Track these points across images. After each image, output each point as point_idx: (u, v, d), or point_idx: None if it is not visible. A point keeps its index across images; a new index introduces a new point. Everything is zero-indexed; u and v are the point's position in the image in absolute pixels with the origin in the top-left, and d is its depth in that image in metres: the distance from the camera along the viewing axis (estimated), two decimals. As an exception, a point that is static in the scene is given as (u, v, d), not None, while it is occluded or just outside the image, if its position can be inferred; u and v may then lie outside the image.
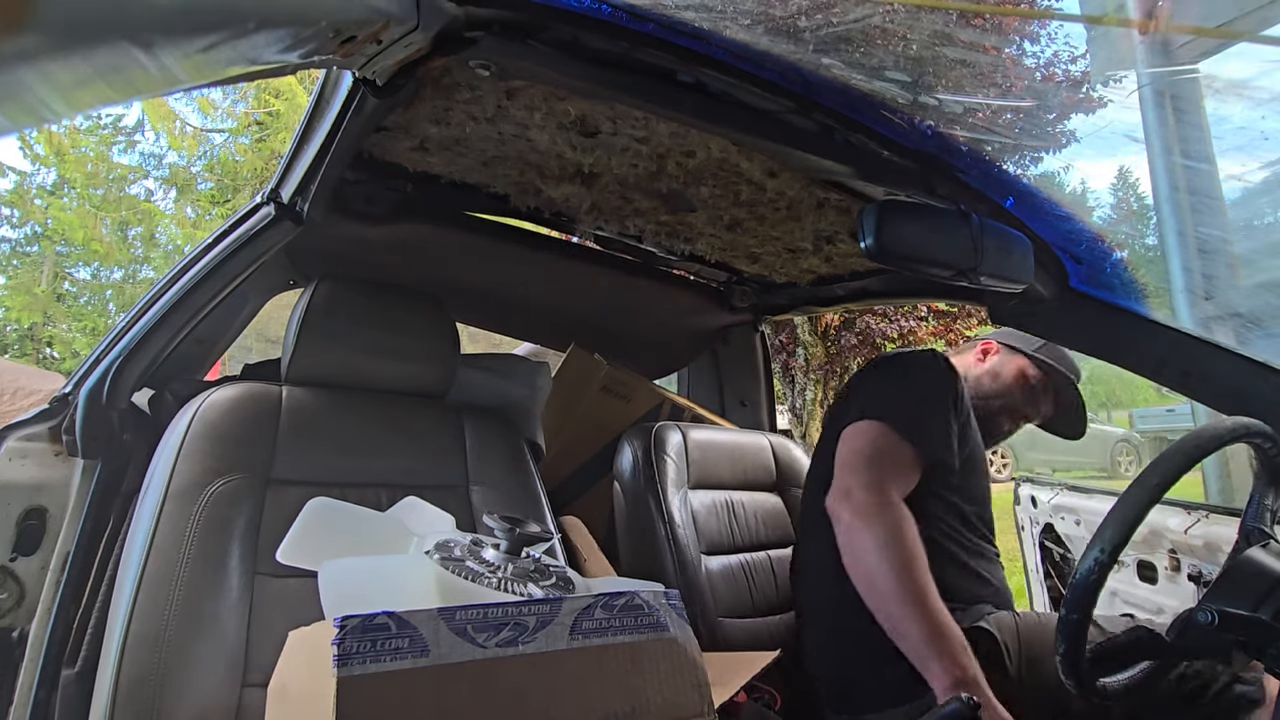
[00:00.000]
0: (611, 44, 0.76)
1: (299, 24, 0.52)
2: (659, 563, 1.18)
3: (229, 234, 1.10)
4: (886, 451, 1.06)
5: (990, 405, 1.31)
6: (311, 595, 0.73)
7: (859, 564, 0.97)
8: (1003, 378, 1.32)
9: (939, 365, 1.19)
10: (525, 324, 1.87)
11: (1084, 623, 0.73)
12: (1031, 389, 1.31)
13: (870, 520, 0.98)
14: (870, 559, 0.96)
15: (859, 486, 1.02)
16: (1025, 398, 1.31)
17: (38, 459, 1.09)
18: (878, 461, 1.05)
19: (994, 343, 1.36)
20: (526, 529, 0.82)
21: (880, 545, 0.95)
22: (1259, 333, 2.10)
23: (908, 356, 1.25)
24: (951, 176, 0.96)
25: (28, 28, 0.28)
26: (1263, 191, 2.64)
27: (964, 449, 1.16)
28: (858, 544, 0.98)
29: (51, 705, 0.95)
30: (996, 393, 1.31)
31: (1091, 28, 3.16)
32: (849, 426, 1.11)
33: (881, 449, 1.06)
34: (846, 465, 1.06)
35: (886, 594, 0.94)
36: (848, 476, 1.04)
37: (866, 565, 0.96)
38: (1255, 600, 0.70)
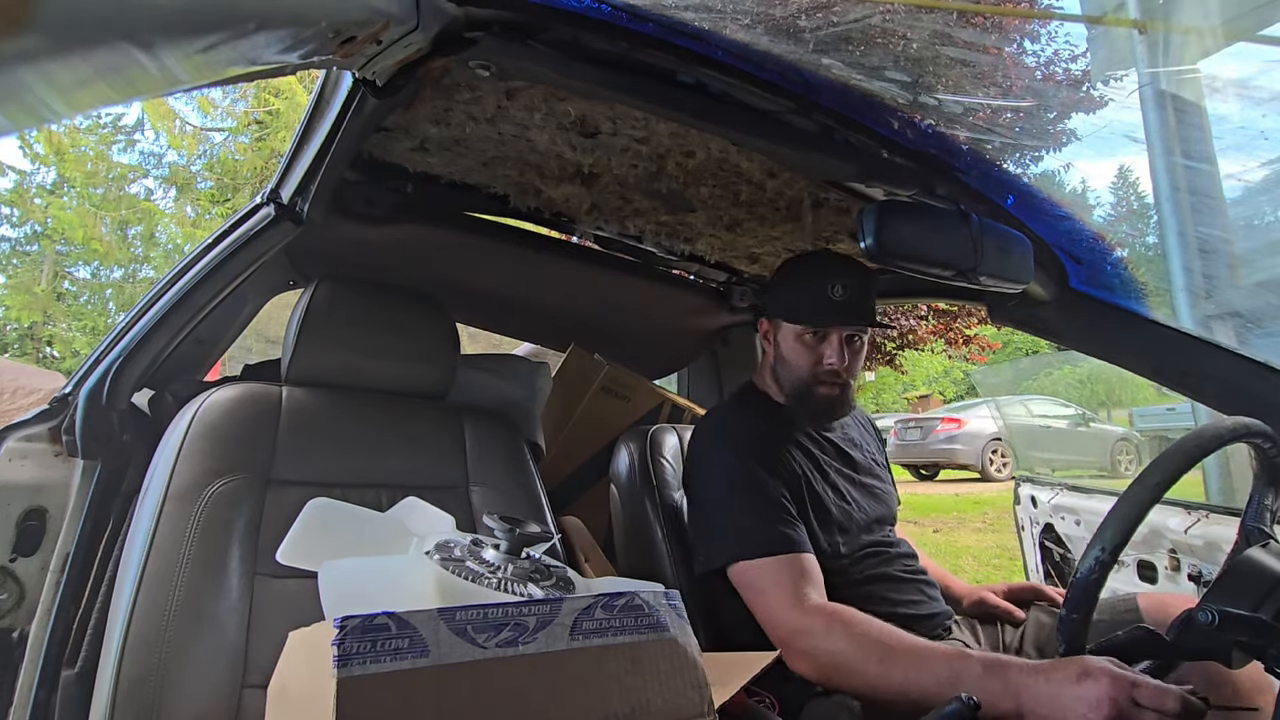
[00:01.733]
0: (611, 44, 0.76)
1: (299, 24, 0.52)
2: (657, 565, 1.18)
3: (229, 234, 1.10)
4: (762, 581, 1.01)
5: (802, 384, 1.18)
6: (311, 595, 0.72)
7: (857, 692, 0.92)
8: (784, 348, 1.20)
9: (712, 439, 1.17)
10: (525, 324, 1.87)
11: (1084, 622, 0.73)
12: (816, 342, 1.16)
13: (822, 644, 0.93)
14: (854, 680, 0.91)
15: (790, 627, 0.96)
16: (811, 356, 1.16)
17: (38, 459, 1.09)
18: (765, 595, 1.00)
19: (762, 320, 1.26)
20: (526, 529, 0.82)
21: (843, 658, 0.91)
22: (1259, 332, 2.10)
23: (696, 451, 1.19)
24: (951, 176, 0.96)
25: (28, 28, 0.28)
26: (1262, 190, 2.64)
27: (794, 500, 1.08)
28: (836, 679, 0.93)
29: (51, 706, 0.95)
30: (793, 369, 1.18)
31: (1092, 27, 3.16)
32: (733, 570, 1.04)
33: (756, 583, 1.01)
34: (764, 616, 1.00)
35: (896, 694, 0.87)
36: (772, 626, 0.99)
37: (857, 686, 0.91)
38: (1255, 600, 0.70)
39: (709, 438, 1.19)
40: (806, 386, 1.17)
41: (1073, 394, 8.35)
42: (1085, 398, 8.27)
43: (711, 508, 1.11)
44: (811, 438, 1.21)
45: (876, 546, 1.16)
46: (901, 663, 0.87)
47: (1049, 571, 1.77)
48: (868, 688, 0.90)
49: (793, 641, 0.95)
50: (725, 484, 1.10)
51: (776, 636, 0.98)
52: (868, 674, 0.89)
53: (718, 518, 1.09)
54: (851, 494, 1.18)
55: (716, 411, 1.27)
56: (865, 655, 0.90)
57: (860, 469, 1.25)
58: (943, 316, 9.12)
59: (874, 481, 1.26)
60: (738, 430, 1.18)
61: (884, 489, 1.28)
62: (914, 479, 9.57)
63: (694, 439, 1.21)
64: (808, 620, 0.95)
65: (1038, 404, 7.85)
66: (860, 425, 1.38)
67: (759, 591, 1.01)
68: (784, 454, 1.13)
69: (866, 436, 1.36)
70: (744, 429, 1.17)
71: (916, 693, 0.85)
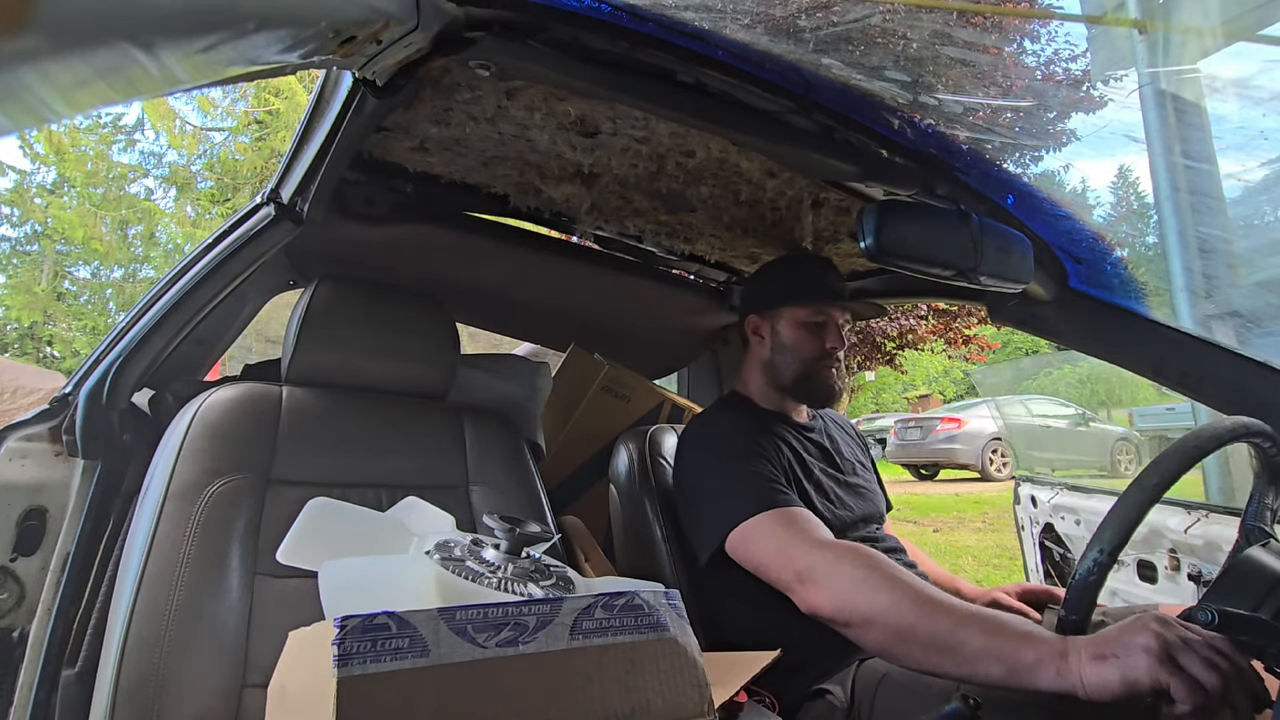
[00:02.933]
0: (611, 44, 0.76)
1: (299, 24, 0.52)
2: (657, 565, 1.18)
3: (229, 234, 1.10)
4: (764, 536, 0.98)
5: (806, 367, 1.22)
6: (311, 595, 0.73)
7: (871, 622, 0.83)
8: (784, 336, 1.23)
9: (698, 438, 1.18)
10: (525, 324, 1.87)
11: (1084, 623, 0.73)
12: (817, 327, 1.21)
13: (833, 571, 0.88)
14: (870, 606, 0.83)
15: (796, 567, 0.92)
16: (815, 340, 1.21)
17: (38, 459, 1.09)
18: (768, 547, 0.97)
19: (751, 317, 1.28)
20: (526, 529, 0.82)
21: (855, 582, 0.85)
22: (1259, 332, 2.10)
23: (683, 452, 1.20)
24: (951, 176, 0.96)
25: (28, 28, 0.28)
26: (1262, 190, 2.64)
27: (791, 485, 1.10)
28: (851, 604, 0.85)
29: (51, 705, 0.95)
30: (796, 355, 1.22)
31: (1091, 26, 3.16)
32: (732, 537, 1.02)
33: (759, 539, 0.98)
34: (771, 567, 0.96)
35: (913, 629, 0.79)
36: (780, 572, 0.95)
37: (871, 614, 0.83)
38: (1255, 600, 0.70)
39: (695, 438, 1.20)
40: (810, 370, 1.22)
41: (1073, 394, 8.35)
42: (1085, 398, 8.27)
43: (704, 494, 1.11)
44: (796, 439, 1.21)
45: (863, 542, 1.16)
46: (929, 602, 0.80)
47: (1049, 571, 1.77)
48: (891, 621, 0.81)
49: (808, 575, 0.90)
50: (715, 471, 1.11)
51: (785, 581, 0.93)
52: (881, 602, 0.82)
53: (711, 501, 1.09)
54: (837, 493, 1.19)
55: (701, 416, 1.28)
56: (878, 582, 0.83)
57: (844, 469, 1.26)
58: (943, 316, 9.14)
59: (859, 481, 1.27)
60: (724, 427, 1.19)
61: (870, 488, 1.29)
62: (914, 479, 9.58)
63: (681, 444, 1.22)
64: (822, 552, 0.91)
65: (1038, 404, 7.85)
66: (840, 427, 1.39)
67: (764, 546, 0.97)
68: (772, 448, 1.14)
69: (847, 438, 1.38)
70: (731, 426, 1.18)
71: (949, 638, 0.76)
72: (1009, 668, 0.72)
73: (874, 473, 1.38)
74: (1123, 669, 0.64)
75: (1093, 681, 0.66)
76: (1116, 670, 0.65)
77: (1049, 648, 0.70)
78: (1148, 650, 0.64)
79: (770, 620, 1.07)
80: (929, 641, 0.78)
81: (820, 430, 1.30)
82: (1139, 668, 0.63)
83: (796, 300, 1.23)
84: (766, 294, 1.27)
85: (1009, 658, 0.72)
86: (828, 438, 1.30)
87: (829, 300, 1.22)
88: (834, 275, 1.25)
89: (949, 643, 0.76)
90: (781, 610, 1.07)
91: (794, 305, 1.23)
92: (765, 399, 1.27)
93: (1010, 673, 0.72)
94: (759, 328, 1.27)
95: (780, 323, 1.24)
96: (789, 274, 1.27)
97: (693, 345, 1.92)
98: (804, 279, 1.24)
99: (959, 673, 0.76)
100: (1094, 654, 0.67)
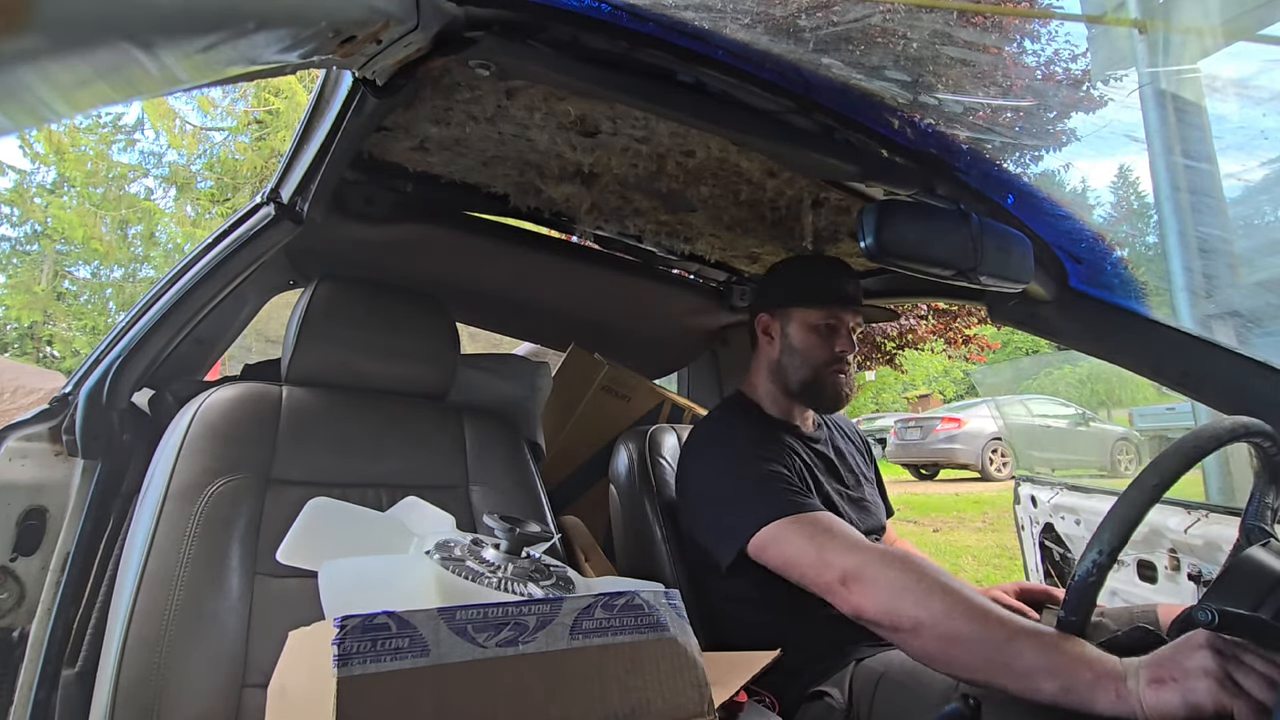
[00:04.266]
0: (611, 44, 0.76)
1: (299, 24, 0.52)
2: (657, 565, 1.18)
3: (229, 234, 1.10)
4: (796, 540, 0.96)
5: (814, 372, 1.20)
6: (311, 595, 0.73)
7: (921, 628, 0.80)
8: (795, 339, 1.21)
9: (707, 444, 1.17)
10: (525, 324, 1.87)
11: (1083, 624, 0.73)
12: (828, 330, 1.20)
13: (881, 574, 0.86)
14: (921, 611, 0.80)
15: (841, 568, 0.90)
16: (825, 345, 1.20)
17: (38, 459, 1.09)
18: (805, 551, 0.95)
19: (762, 316, 1.26)
20: (526, 529, 0.82)
21: (904, 585, 0.83)
22: (1259, 332, 2.10)
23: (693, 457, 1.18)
24: (951, 176, 0.96)
25: (28, 28, 0.28)
26: (1262, 190, 2.64)
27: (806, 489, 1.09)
28: (899, 608, 0.82)
29: (51, 705, 0.95)
30: (806, 358, 1.20)
31: (1091, 26, 3.16)
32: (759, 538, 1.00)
33: (790, 544, 0.96)
34: (809, 567, 0.94)
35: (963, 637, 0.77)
36: (821, 573, 0.92)
37: (922, 619, 0.80)
38: (1255, 599, 0.70)
39: (703, 443, 1.19)
40: (818, 375, 1.20)
41: (1073, 394, 8.35)
42: (1085, 397, 8.27)
43: (719, 501, 1.09)
44: (804, 450, 1.21)
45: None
46: (977, 610, 0.78)
47: (1049, 571, 1.77)
48: (939, 626, 0.79)
49: (850, 579, 0.88)
50: (732, 474, 1.09)
51: (825, 582, 0.91)
52: (933, 608, 0.79)
53: (729, 504, 1.07)
54: (844, 507, 1.19)
55: (707, 420, 1.26)
56: (929, 587, 0.81)
57: (849, 482, 1.25)
58: (943, 316, 9.13)
59: (862, 494, 1.26)
60: (732, 432, 1.18)
61: (873, 500, 1.28)
62: (914, 479, 9.58)
63: (687, 449, 1.21)
64: (862, 555, 0.89)
65: (1038, 404, 7.85)
66: (847, 436, 1.38)
67: (800, 547, 0.95)
68: (780, 453, 1.13)
69: (854, 448, 1.37)
70: (738, 431, 1.18)
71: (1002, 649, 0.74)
72: (1065, 685, 0.70)
73: (876, 480, 1.38)
74: (1184, 693, 0.63)
75: (1153, 705, 0.65)
76: (1178, 694, 0.64)
77: (1106, 669, 0.69)
78: (1208, 673, 0.63)
79: (770, 621, 1.07)
80: (979, 652, 0.76)
81: (826, 441, 1.29)
82: (1200, 690, 0.63)
83: (808, 302, 1.21)
84: (779, 293, 1.25)
85: (1066, 676, 0.70)
86: (834, 449, 1.29)
87: (842, 305, 1.20)
88: (849, 279, 1.22)
89: (1001, 655, 0.74)
90: (782, 611, 1.07)
91: (806, 307, 1.21)
92: (773, 404, 1.25)
93: (1065, 690, 0.70)
94: (769, 327, 1.25)
95: (791, 324, 1.22)
96: (803, 274, 1.25)
97: (693, 345, 1.92)
98: (818, 281, 1.22)
99: (1009, 687, 0.74)
100: (1152, 677, 0.66)
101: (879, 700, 0.93)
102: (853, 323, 1.22)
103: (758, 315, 1.27)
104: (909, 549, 1.32)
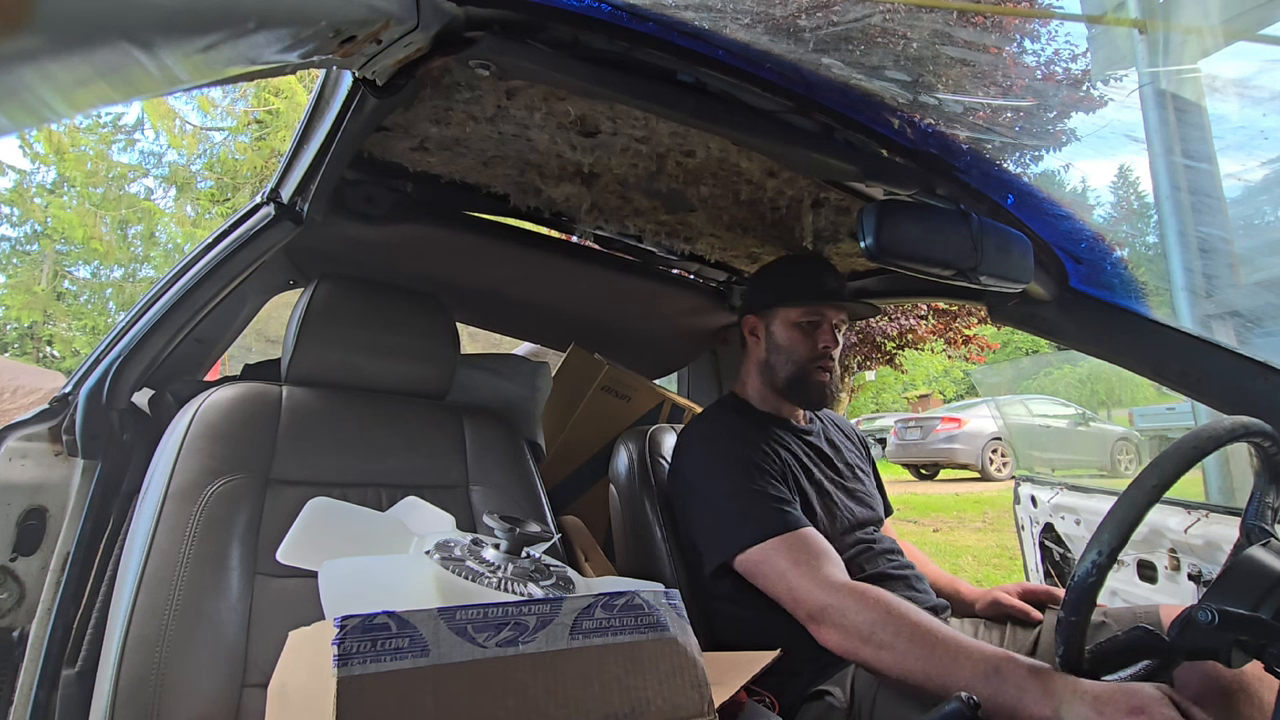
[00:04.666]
0: (611, 44, 0.76)
1: (299, 24, 0.52)
2: (657, 565, 1.18)
3: (229, 234, 1.10)
4: (778, 563, 1.00)
5: (799, 369, 1.22)
6: (311, 595, 0.73)
7: (881, 667, 0.88)
8: (779, 337, 1.24)
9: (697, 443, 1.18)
10: (525, 324, 1.87)
11: (1082, 625, 0.73)
12: (810, 327, 1.22)
13: (845, 621, 0.91)
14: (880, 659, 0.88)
15: (808, 608, 0.96)
16: (808, 341, 1.22)
17: (38, 459, 1.09)
18: (786, 576, 0.99)
19: (749, 318, 1.29)
20: (526, 529, 0.82)
21: (873, 630, 0.89)
22: (1259, 332, 2.09)
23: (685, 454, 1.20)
24: (951, 176, 0.96)
25: (28, 28, 0.28)
26: (1262, 190, 2.64)
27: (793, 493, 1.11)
28: (861, 653, 0.90)
29: (51, 705, 0.95)
30: (789, 355, 1.22)
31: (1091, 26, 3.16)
32: (740, 560, 1.04)
33: (773, 565, 1.01)
34: (783, 600, 1.00)
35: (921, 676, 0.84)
36: (793, 608, 0.98)
37: (883, 665, 0.88)
38: (1255, 599, 0.70)
39: (695, 443, 1.20)
40: (803, 371, 1.22)
41: (1073, 394, 8.35)
42: (1085, 397, 8.27)
43: (709, 507, 1.11)
44: (795, 442, 1.21)
45: (861, 545, 1.17)
46: (937, 646, 0.85)
47: (1049, 571, 1.77)
48: (898, 665, 0.86)
49: (823, 617, 0.94)
50: (719, 482, 1.11)
51: (805, 612, 0.97)
52: (898, 648, 0.86)
53: (717, 514, 1.09)
54: (837, 496, 1.19)
55: (699, 419, 1.27)
56: (897, 630, 0.87)
57: (843, 473, 1.26)
58: (943, 316, 9.14)
59: (857, 485, 1.27)
60: (723, 432, 1.19)
61: (868, 492, 1.29)
62: (914, 479, 9.58)
63: (680, 446, 1.22)
64: (837, 596, 0.94)
65: (1038, 403, 7.85)
66: (840, 429, 1.39)
67: (779, 573, 1.00)
68: (773, 455, 1.14)
69: (848, 442, 1.37)
70: (730, 431, 1.18)
71: (949, 678, 0.82)
72: (995, 707, 0.78)
73: (874, 476, 1.38)
74: None
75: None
76: None
77: (1041, 685, 0.76)
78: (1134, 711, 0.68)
79: (770, 621, 1.07)
80: (935, 683, 0.83)
81: (819, 433, 1.30)
82: None
83: (790, 301, 1.23)
84: (762, 294, 1.28)
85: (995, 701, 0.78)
86: (827, 441, 1.30)
87: (822, 300, 1.22)
88: (830, 275, 1.25)
89: (948, 682, 0.82)
90: (781, 611, 1.07)
91: (788, 306, 1.23)
92: (763, 401, 1.27)
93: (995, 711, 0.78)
94: (755, 328, 1.28)
95: (775, 323, 1.25)
96: (784, 275, 1.27)
97: (693, 345, 1.92)
98: (798, 279, 1.25)
99: None
100: (1098, 696, 0.72)
101: (880, 700, 0.93)
102: (836, 319, 1.24)
103: (745, 317, 1.30)
104: (909, 549, 1.32)
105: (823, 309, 1.23)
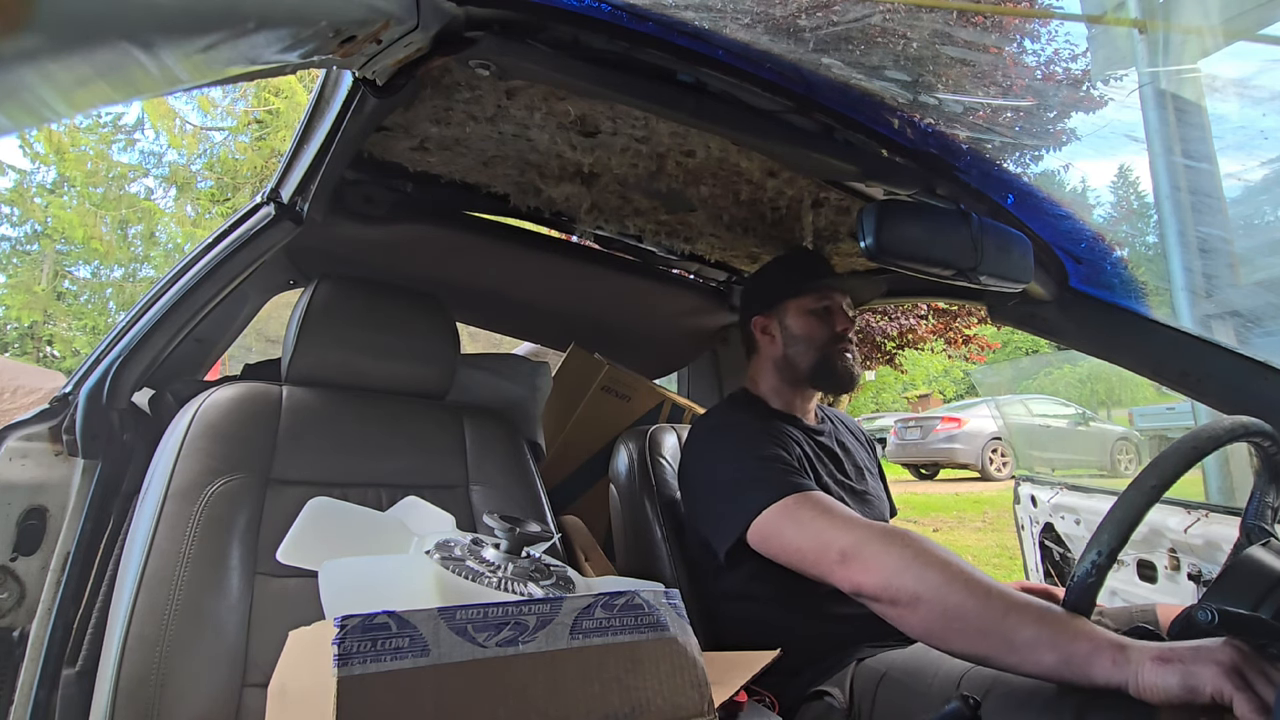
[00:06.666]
0: (611, 44, 0.76)
1: (299, 24, 0.52)
2: (657, 565, 1.18)
3: (229, 234, 1.10)
4: (794, 520, 0.96)
5: (821, 354, 1.22)
6: (311, 595, 0.73)
7: (919, 601, 0.80)
8: (795, 328, 1.24)
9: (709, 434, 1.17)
10: (525, 324, 1.87)
11: None
12: (824, 312, 1.23)
13: (880, 549, 0.85)
14: (919, 585, 0.80)
15: (839, 546, 0.90)
16: (825, 326, 1.22)
17: (38, 459, 1.09)
18: (803, 528, 0.95)
19: (757, 319, 1.28)
20: (526, 529, 0.82)
21: (905, 562, 0.82)
22: (1259, 332, 2.09)
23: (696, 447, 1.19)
24: (951, 176, 0.96)
25: (28, 28, 0.28)
26: (1262, 190, 2.64)
27: None
28: (899, 582, 0.82)
29: (51, 705, 0.95)
30: (810, 343, 1.22)
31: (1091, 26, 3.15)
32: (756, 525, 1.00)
33: (788, 524, 0.97)
34: (808, 550, 0.94)
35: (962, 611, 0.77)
36: (820, 554, 0.92)
37: (920, 593, 0.80)
38: (1255, 599, 0.70)
39: (706, 433, 1.19)
40: (826, 356, 1.22)
41: (1073, 393, 8.35)
42: (1085, 397, 8.27)
43: (716, 489, 1.09)
44: (807, 442, 1.21)
45: None
46: (977, 590, 0.77)
47: (1049, 571, 1.77)
48: (936, 601, 0.79)
49: (849, 556, 0.88)
50: (730, 463, 1.09)
51: (824, 562, 0.91)
52: (931, 581, 0.79)
53: (728, 488, 1.07)
54: (846, 499, 1.19)
55: (712, 413, 1.27)
56: (927, 562, 0.81)
57: (851, 476, 1.26)
58: (943, 316, 9.14)
59: (865, 488, 1.26)
60: (736, 423, 1.18)
61: (876, 495, 1.28)
62: (914, 478, 9.58)
63: (690, 441, 1.21)
64: (861, 532, 0.89)
65: (1038, 403, 7.85)
66: (849, 430, 1.39)
67: (797, 530, 0.95)
68: (783, 441, 1.13)
69: (857, 443, 1.37)
70: (742, 422, 1.18)
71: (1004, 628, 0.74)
72: (1063, 657, 0.70)
73: (880, 476, 1.38)
74: (1185, 675, 0.63)
75: (1149, 680, 0.65)
76: (1178, 674, 0.63)
77: (1106, 640, 0.69)
78: (1217, 662, 0.63)
79: (770, 620, 1.07)
80: (978, 625, 0.76)
81: (829, 434, 1.29)
82: (1202, 675, 0.62)
83: (799, 291, 1.24)
84: (767, 293, 1.27)
85: (1064, 647, 0.70)
86: (837, 443, 1.29)
87: (829, 283, 1.24)
88: (826, 263, 1.29)
89: (1000, 628, 0.74)
90: (782, 610, 1.07)
91: (797, 296, 1.24)
92: (777, 397, 1.26)
93: (1063, 662, 0.70)
94: (767, 327, 1.27)
95: (788, 316, 1.25)
96: (785, 269, 1.29)
97: (693, 345, 1.92)
98: (801, 270, 1.26)
99: (1007, 661, 0.74)
100: (1157, 655, 0.66)
101: (880, 700, 0.93)
102: (844, 301, 1.25)
103: (751, 320, 1.29)
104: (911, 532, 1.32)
105: (832, 293, 1.24)
